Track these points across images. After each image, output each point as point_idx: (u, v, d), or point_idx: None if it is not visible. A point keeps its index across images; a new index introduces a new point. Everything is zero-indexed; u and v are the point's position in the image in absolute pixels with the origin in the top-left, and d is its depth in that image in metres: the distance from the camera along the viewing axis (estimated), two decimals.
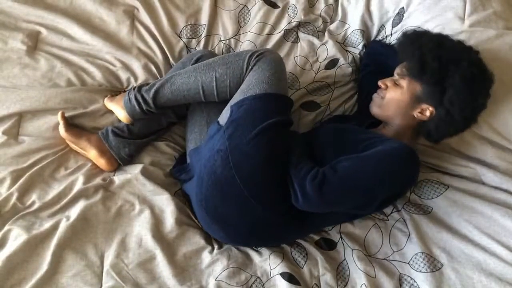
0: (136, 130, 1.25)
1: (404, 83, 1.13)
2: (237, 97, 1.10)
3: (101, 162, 1.22)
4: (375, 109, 1.20)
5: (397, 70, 1.17)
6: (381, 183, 1.00)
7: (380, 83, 1.18)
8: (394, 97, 1.14)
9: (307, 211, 1.06)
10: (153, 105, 1.18)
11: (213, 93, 1.15)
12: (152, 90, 1.17)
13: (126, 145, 1.22)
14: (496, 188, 1.14)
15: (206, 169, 1.06)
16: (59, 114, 1.21)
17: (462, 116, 1.09)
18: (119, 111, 1.22)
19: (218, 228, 1.10)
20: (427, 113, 1.11)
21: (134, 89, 1.20)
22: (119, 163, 1.24)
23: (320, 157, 1.10)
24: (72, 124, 1.23)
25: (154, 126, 1.28)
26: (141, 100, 1.17)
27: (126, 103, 1.19)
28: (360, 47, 1.43)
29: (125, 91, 1.29)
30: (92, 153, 1.21)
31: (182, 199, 1.23)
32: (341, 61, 1.40)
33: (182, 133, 1.36)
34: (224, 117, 1.11)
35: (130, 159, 1.25)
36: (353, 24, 1.44)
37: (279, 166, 1.04)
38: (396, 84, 1.15)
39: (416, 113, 1.13)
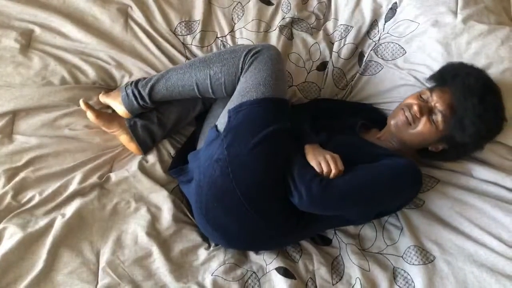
0: (165, 120, 1.26)
1: (441, 125, 1.08)
2: (234, 101, 1.08)
3: (132, 147, 1.25)
4: (396, 130, 1.14)
5: (440, 106, 1.08)
6: (384, 193, 1.03)
7: (416, 107, 1.09)
8: (424, 132, 1.10)
9: (307, 220, 1.06)
10: (149, 100, 1.18)
11: (208, 90, 1.15)
12: (148, 86, 1.17)
13: (152, 142, 1.26)
14: (486, 181, 1.15)
15: (206, 178, 1.05)
16: (82, 103, 1.21)
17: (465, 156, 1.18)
18: (117, 106, 1.22)
19: (218, 235, 1.10)
20: (440, 148, 1.14)
21: (131, 84, 1.20)
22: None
23: None
24: (98, 109, 1.25)
25: (184, 118, 1.29)
26: (137, 95, 1.18)
27: (124, 98, 1.20)
28: (342, 42, 1.41)
29: None
30: (123, 138, 1.24)
31: (179, 196, 1.24)
32: (330, 64, 1.40)
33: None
34: (222, 121, 1.09)
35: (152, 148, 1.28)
36: (344, 20, 1.43)
37: (280, 176, 1.03)
38: (431, 119, 1.09)
39: (431, 147, 1.15)
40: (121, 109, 1.22)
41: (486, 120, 1.05)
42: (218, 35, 1.43)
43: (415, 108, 1.09)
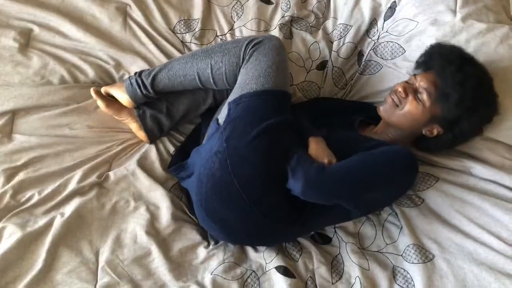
0: (174, 110, 1.27)
1: (427, 102, 1.08)
2: (235, 93, 1.08)
3: (141, 135, 1.26)
4: (385, 114, 1.15)
5: (424, 84, 1.09)
6: (379, 177, 1.03)
7: (400, 88, 1.11)
8: (412, 111, 1.10)
9: (307, 214, 1.06)
10: (151, 89, 1.19)
11: (209, 80, 1.15)
12: (151, 75, 1.19)
13: (160, 131, 1.27)
14: (485, 179, 1.15)
15: (205, 170, 1.05)
16: (92, 91, 1.22)
17: (463, 141, 1.16)
18: (121, 95, 1.23)
19: (218, 229, 1.10)
20: (435, 132, 1.13)
21: (135, 74, 1.21)
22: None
23: None
24: (109, 97, 1.26)
25: (194, 111, 1.29)
26: (141, 84, 1.19)
27: (127, 87, 1.21)
28: (341, 41, 1.41)
29: None
30: (133, 126, 1.26)
31: (178, 194, 1.23)
32: (330, 63, 1.40)
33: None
34: (223, 115, 1.09)
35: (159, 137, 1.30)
36: (343, 19, 1.43)
37: (279, 169, 1.02)
38: (417, 98, 1.09)
39: (425, 130, 1.13)
40: (124, 98, 1.22)
41: (467, 88, 1.04)
42: (218, 34, 1.43)
43: (400, 89, 1.11)
